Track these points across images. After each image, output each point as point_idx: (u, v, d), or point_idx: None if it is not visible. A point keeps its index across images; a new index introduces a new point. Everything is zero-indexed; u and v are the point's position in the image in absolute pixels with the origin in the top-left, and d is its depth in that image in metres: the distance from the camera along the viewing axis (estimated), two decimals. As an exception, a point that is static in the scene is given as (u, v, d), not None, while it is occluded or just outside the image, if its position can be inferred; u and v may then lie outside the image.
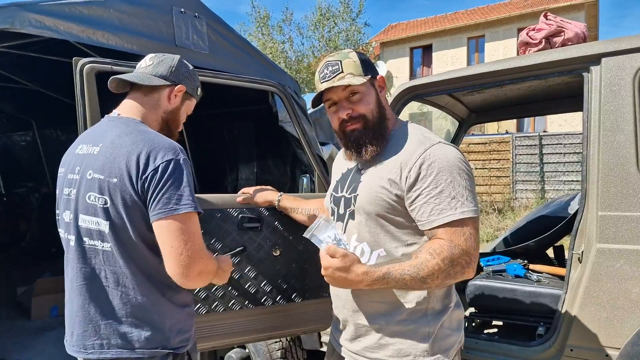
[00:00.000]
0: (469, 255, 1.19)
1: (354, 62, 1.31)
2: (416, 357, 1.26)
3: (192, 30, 2.94)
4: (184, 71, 1.39)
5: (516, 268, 2.54)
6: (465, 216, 1.19)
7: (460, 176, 1.21)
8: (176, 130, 1.43)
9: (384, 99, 1.37)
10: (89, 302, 1.20)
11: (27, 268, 5.32)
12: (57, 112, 5.23)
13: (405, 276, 1.18)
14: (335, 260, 1.20)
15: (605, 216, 1.81)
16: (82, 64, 1.66)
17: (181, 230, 1.14)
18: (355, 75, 1.30)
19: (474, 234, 1.20)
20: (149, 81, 1.32)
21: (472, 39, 18.62)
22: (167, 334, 1.23)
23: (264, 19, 18.57)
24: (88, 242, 1.20)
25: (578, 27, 2.08)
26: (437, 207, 1.20)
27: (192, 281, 1.19)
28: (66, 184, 1.27)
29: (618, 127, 1.80)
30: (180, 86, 1.37)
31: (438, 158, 1.22)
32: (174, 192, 1.14)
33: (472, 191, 1.23)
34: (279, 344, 2.50)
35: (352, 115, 1.31)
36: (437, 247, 1.18)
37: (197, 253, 1.16)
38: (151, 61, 1.37)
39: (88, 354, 1.20)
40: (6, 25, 2.14)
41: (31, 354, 3.44)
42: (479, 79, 2.17)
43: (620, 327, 1.78)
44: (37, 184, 6.48)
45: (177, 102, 1.38)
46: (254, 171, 4.83)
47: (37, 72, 4.29)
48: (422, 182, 1.21)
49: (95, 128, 1.32)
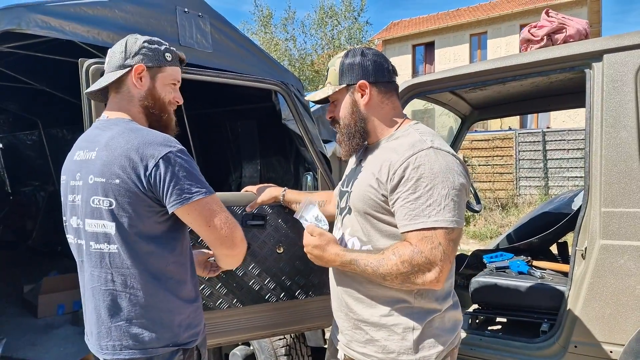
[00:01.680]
0: (432, 264, 1.18)
1: (334, 70, 1.40)
2: (400, 355, 1.27)
3: (195, 30, 2.95)
4: (135, 49, 1.29)
5: (520, 264, 2.54)
6: (438, 225, 1.17)
7: (443, 185, 1.19)
8: (165, 115, 1.34)
9: (364, 104, 1.36)
10: (100, 304, 1.22)
11: (33, 266, 5.36)
12: (63, 111, 5.26)
13: (367, 267, 1.24)
14: (312, 238, 1.34)
15: (609, 212, 1.82)
16: (87, 64, 1.68)
17: (209, 210, 1.20)
18: (332, 84, 1.40)
19: (444, 244, 1.18)
20: (107, 80, 1.30)
21: (474, 36, 18.54)
22: (176, 330, 1.25)
23: (267, 18, 18.58)
24: (94, 245, 1.21)
25: (580, 24, 2.08)
26: (411, 213, 1.20)
27: (239, 247, 1.26)
28: (69, 191, 1.28)
29: (620, 123, 1.80)
30: (137, 66, 1.28)
31: (423, 163, 1.21)
32: (185, 180, 1.17)
33: (456, 201, 1.19)
34: (283, 341, 2.52)
35: (332, 117, 1.44)
36: (401, 249, 1.20)
37: (232, 222, 1.25)
38: (107, 58, 1.34)
39: (103, 354, 1.23)
40: (13, 26, 2.16)
41: (38, 352, 3.47)
42: (482, 76, 2.17)
43: (624, 323, 1.78)
44: (43, 183, 6.52)
45: (146, 82, 1.30)
46: (257, 169, 4.84)
47: (43, 71, 4.31)
48: (403, 186, 1.22)
49: (88, 133, 1.32)
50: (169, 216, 1.21)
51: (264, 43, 17.75)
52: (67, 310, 4.17)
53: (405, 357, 1.27)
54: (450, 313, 1.34)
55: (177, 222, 1.24)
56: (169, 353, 1.23)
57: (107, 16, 2.53)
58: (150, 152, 1.16)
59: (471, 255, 3.13)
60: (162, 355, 1.22)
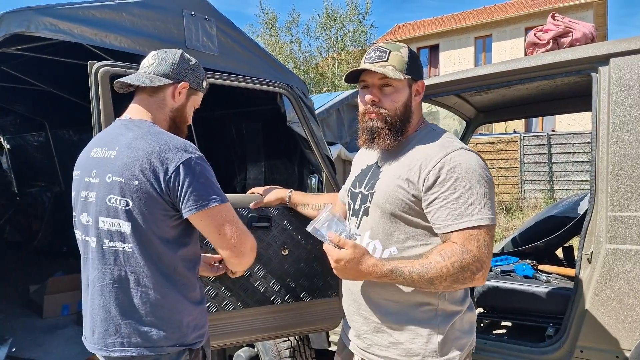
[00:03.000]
0: (481, 262, 1.18)
1: (402, 57, 1.31)
2: (425, 358, 1.26)
3: (202, 33, 2.97)
4: (186, 67, 1.39)
5: (525, 268, 2.53)
6: (481, 223, 1.19)
7: (480, 184, 1.21)
8: (184, 125, 1.44)
9: (415, 104, 1.36)
10: (110, 302, 1.23)
11: (39, 267, 5.39)
12: (70, 113, 5.30)
13: (413, 274, 1.19)
14: (345, 251, 1.20)
15: (615, 216, 1.81)
16: (97, 67, 1.70)
17: (222, 218, 1.23)
18: (397, 69, 1.29)
19: (488, 241, 1.20)
20: (151, 82, 1.33)
21: (479, 39, 18.54)
22: (184, 330, 1.26)
23: (272, 21, 18.64)
24: (108, 243, 1.23)
25: (586, 27, 2.08)
26: (454, 212, 1.20)
27: (247, 257, 1.30)
28: (83, 187, 1.30)
29: (627, 127, 1.80)
30: (184, 83, 1.37)
31: (459, 164, 1.22)
32: (203, 187, 1.20)
33: (491, 199, 1.22)
34: (288, 343, 2.52)
35: (377, 104, 1.32)
36: (448, 250, 1.19)
37: (243, 232, 1.28)
38: (153, 59, 1.38)
39: (109, 352, 1.24)
40: (22, 28, 2.18)
41: (43, 352, 3.49)
42: (487, 80, 2.17)
43: (631, 328, 1.77)
44: (49, 184, 6.56)
45: (182, 99, 1.39)
46: (262, 171, 4.85)
47: (50, 74, 4.35)
48: (441, 186, 1.21)
49: (109, 131, 1.35)
50: (181, 221, 1.24)
51: (269, 46, 17.81)
52: (72, 311, 4.20)
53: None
54: (468, 315, 1.35)
55: (188, 227, 1.26)
56: (176, 353, 1.25)
57: (115, 19, 2.55)
58: (172, 156, 1.19)
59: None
60: (170, 354, 1.24)
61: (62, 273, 4.68)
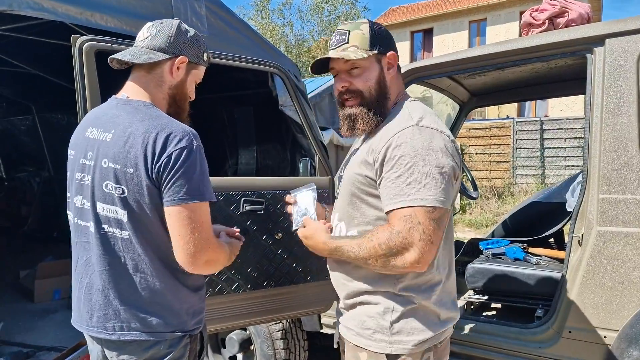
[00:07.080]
0: (410, 244, 1.12)
1: (362, 34, 1.27)
2: (375, 333, 1.24)
3: (191, 13, 2.90)
4: (184, 39, 1.30)
5: (516, 251, 2.55)
6: (417, 204, 1.12)
7: (424, 162, 1.14)
8: (185, 103, 1.36)
9: (390, 77, 1.31)
10: (110, 286, 1.21)
11: (29, 252, 5.35)
12: (57, 96, 5.19)
13: (350, 253, 1.22)
14: (303, 229, 1.36)
15: (606, 199, 1.81)
16: (81, 42, 1.62)
17: (190, 220, 1.15)
18: (360, 48, 1.26)
19: (424, 223, 1.12)
20: (147, 58, 1.26)
21: (473, 23, 18.39)
22: (184, 317, 1.25)
23: (264, 3, 18.34)
24: (107, 228, 1.20)
25: (582, 7, 2.06)
26: (391, 192, 1.16)
27: (198, 269, 1.21)
28: (78, 169, 1.25)
29: (621, 109, 1.79)
30: (182, 57, 1.29)
31: (404, 142, 1.16)
32: (185, 180, 1.14)
33: (438, 179, 1.13)
34: (279, 325, 2.53)
35: (349, 88, 1.29)
36: (380, 231, 1.17)
37: (204, 243, 1.17)
38: (148, 32, 1.30)
39: (109, 335, 1.22)
40: (4, 7, 2.10)
41: (35, 336, 3.48)
42: (481, 61, 2.14)
43: (619, 309, 1.79)
44: (37, 169, 6.47)
45: (181, 74, 1.31)
46: (254, 155, 4.82)
47: (36, 55, 4.24)
48: (386, 166, 1.18)
49: (105, 111, 1.27)
50: None
51: (260, 29, 17.55)
52: (64, 295, 4.17)
53: (379, 336, 1.24)
54: (442, 310, 1.28)
55: None
56: (177, 339, 1.24)
57: (101, -3, 2.47)
58: (168, 142, 1.14)
59: (467, 242, 3.15)
60: (170, 340, 1.23)
61: (53, 258, 4.65)
